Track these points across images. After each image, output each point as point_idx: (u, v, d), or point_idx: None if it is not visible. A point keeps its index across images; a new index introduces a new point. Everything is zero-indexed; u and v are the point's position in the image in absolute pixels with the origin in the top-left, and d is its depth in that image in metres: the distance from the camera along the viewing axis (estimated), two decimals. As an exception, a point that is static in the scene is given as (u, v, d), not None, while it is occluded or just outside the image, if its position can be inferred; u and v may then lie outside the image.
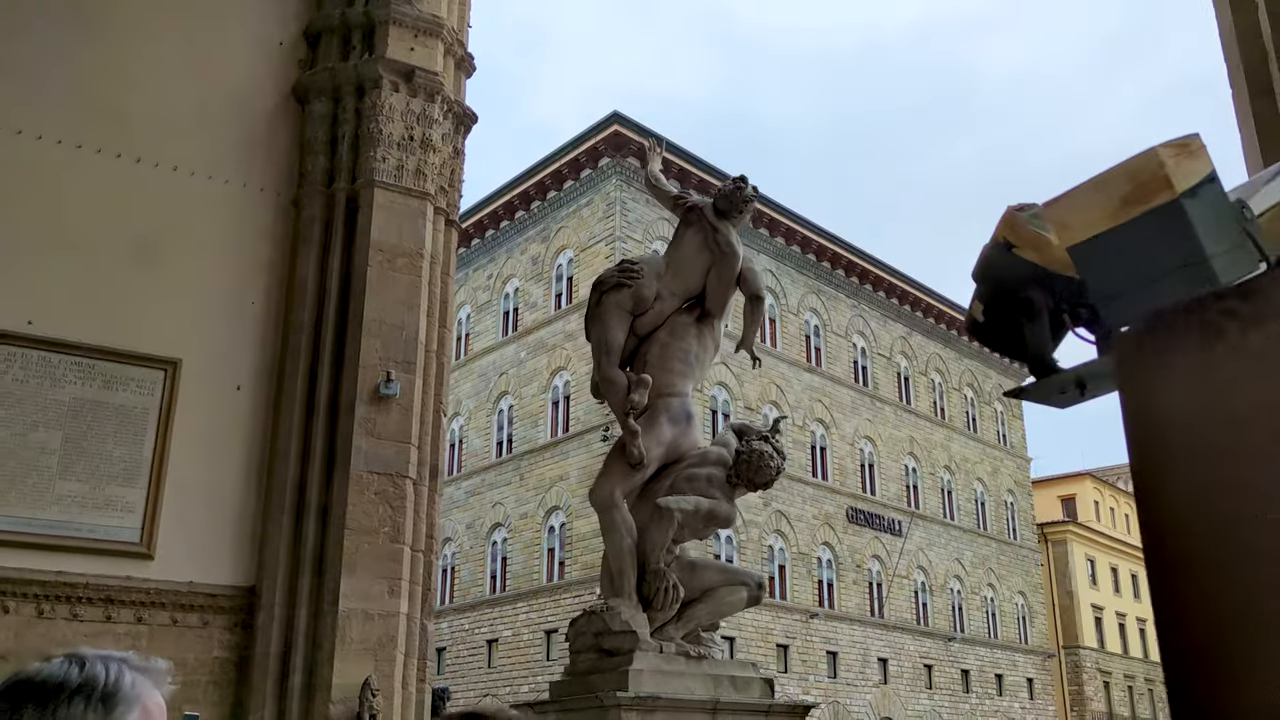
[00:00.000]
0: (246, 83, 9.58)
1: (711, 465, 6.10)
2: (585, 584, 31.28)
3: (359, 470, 8.41)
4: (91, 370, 8.26)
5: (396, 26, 9.59)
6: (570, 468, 33.30)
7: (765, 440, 6.10)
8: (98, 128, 8.77)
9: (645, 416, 6.05)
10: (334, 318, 8.88)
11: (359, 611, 8.12)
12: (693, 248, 6.60)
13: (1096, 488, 57.37)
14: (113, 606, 7.89)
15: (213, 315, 8.88)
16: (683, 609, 5.86)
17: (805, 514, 37.47)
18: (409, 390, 8.78)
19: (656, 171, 7.06)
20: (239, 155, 9.32)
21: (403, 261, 9.08)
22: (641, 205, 34.87)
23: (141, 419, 8.34)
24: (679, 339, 6.43)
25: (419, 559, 8.68)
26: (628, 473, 6.01)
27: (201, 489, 8.43)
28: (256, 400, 8.82)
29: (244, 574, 8.41)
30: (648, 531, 5.87)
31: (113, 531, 8.03)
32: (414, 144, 9.39)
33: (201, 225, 9.03)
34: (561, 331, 35.08)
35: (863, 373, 42.64)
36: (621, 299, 6.33)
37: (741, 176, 6.61)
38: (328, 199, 9.21)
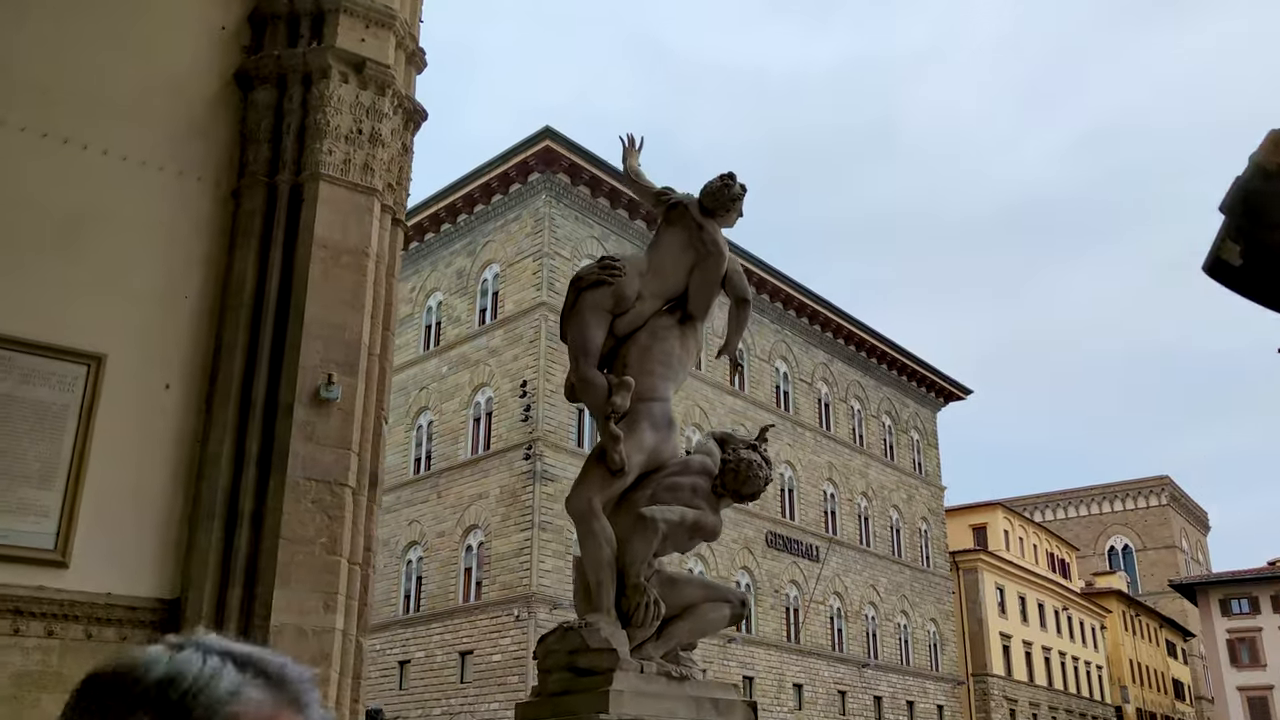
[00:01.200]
0: (185, 67, 9.07)
1: (695, 474, 5.83)
2: (503, 605, 30.73)
3: (296, 477, 7.93)
4: (8, 363, 7.67)
5: (348, 16, 9.18)
6: (490, 486, 32.74)
7: (752, 449, 5.84)
8: (23, 105, 8.19)
9: (625, 421, 5.75)
10: (273, 315, 8.39)
11: (292, 627, 7.63)
12: (676, 247, 6.33)
13: (1007, 517, 58.46)
14: (21, 619, 7.29)
15: (142, 309, 8.34)
16: (662, 626, 5.55)
17: (725, 537, 37.32)
18: (350, 394, 8.33)
19: (637, 167, 6.79)
20: (175, 142, 8.80)
21: (347, 259, 8.65)
22: (571, 222, 34.62)
23: (60, 416, 7.76)
24: (660, 341, 6.15)
25: (356, 572, 8.22)
26: (607, 480, 5.70)
27: (124, 493, 7.88)
28: (187, 400, 8.29)
29: (168, 585, 7.86)
30: (628, 543, 5.55)
31: (25, 537, 7.43)
32: (362, 138, 8.98)
33: (133, 213, 8.49)
34: (485, 347, 34.57)
35: (784, 397, 42.87)
36: (601, 298, 6.02)
37: (729, 173, 6.37)
38: (269, 191, 8.74)
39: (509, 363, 33.56)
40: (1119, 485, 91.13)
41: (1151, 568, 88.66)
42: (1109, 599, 67.61)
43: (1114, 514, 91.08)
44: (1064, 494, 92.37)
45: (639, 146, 6.77)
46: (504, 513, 31.90)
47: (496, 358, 34.04)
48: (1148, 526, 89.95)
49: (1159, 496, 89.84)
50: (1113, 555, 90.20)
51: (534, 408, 32.14)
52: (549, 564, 30.87)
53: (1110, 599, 67.71)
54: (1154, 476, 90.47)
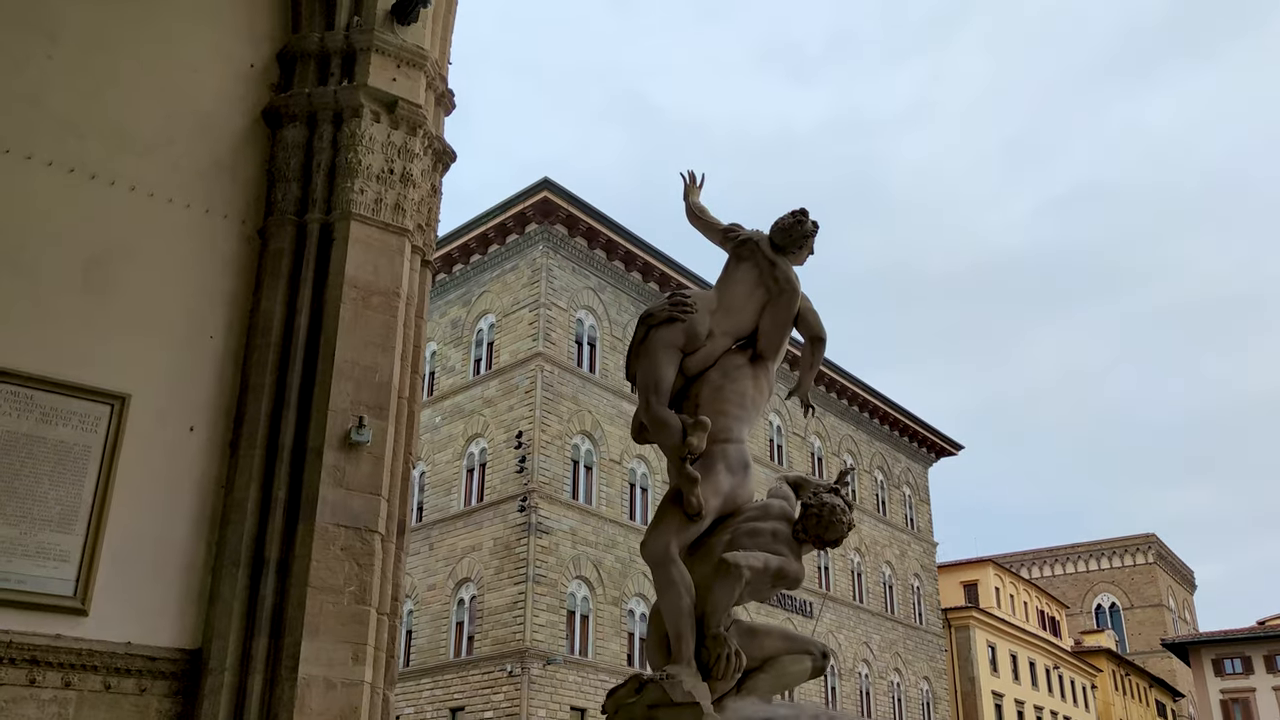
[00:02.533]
0: (213, 104, 8.93)
1: (775, 519, 5.60)
2: (495, 660, 30.18)
3: (325, 523, 7.67)
4: (29, 401, 7.42)
5: (379, 55, 9.08)
6: (484, 538, 32.30)
7: (834, 492, 5.63)
8: (50, 139, 8.03)
9: (700, 464, 5.54)
10: (301, 356, 8.17)
11: (320, 679, 7.32)
12: (746, 284, 6.15)
13: (998, 574, 58.12)
14: (37, 669, 6.96)
15: (166, 348, 8.11)
16: (741, 680, 5.30)
17: (719, 592, 36.89)
18: (380, 438, 8.10)
19: (701, 203, 6.63)
20: (202, 179, 8.64)
21: (378, 300, 8.46)
22: (567, 273, 34.56)
23: (82, 458, 7.50)
24: (733, 381, 5.95)
25: (384, 623, 7.94)
26: (684, 524, 5.46)
27: (145, 538, 7.59)
28: (211, 443, 8.04)
29: (189, 635, 7.55)
30: (709, 590, 5.31)
31: (43, 583, 7.13)
32: (394, 178, 8.84)
33: (158, 250, 8.30)
34: (480, 397, 34.29)
35: (778, 451, 42.68)
36: (672, 335, 5.83)
37: (801, 209, 6.23)
38: (298, 230, 8.57)
39: (504, 413, 33.28)
40: (1105, 543, 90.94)
41: (1139, 626, 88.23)
42: (1099, 658, 67.13)
43: (1101, 571, 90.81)
44: (1050, 551, 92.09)
45: (700, 183, 6.64)
46: (497, 565, 31.43)
47: (491, 408, 33.76)
48: (1135, 585, 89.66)
49: (1145, 554, 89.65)
50: (1100, 613, 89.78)
51: (529, 459, 31.82)
52: (543, 618, 30.37)
53: (1100, 658, 67.23)
54: (1140, 534, 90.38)
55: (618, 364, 35.58)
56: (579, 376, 34.13)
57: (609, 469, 34.24)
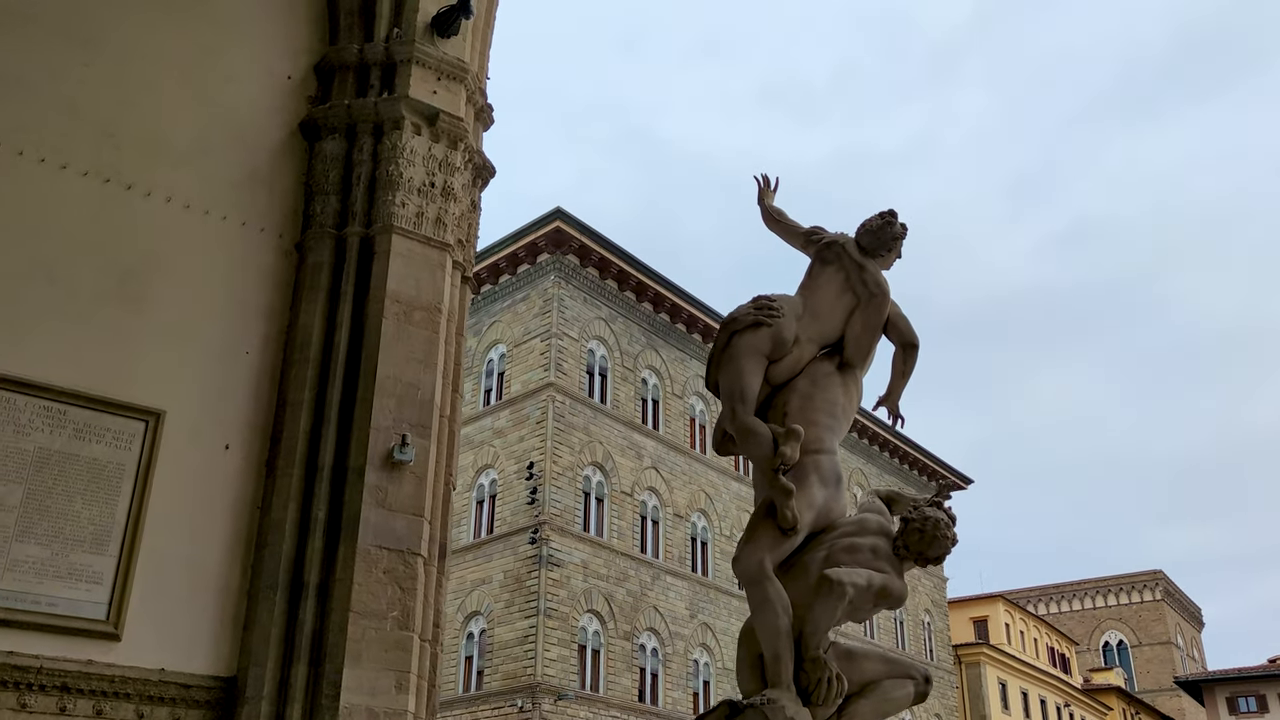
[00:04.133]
0: (250, 116, 8.72)
1: (873, 534, 5.30)
2: (506, 695, 29.67)
3: (367, 545, 7.36)
4: (62, 417, 7.14)
5: (420, 67, 8.88)
6: (494, 571, 31.88)
7: (936, 506, 5.34)
8: (86, 149, 7.81)
9: (790, 476, 5.25)
10: (341, 373, 7.90)
11: (363, 708, 6.98)
12: (833, 289, 5.88)
13: (1008, 610, 57.50)
14: (69, 696, 6.63)
15: (201, 364, 7.84)
16: (841, 706, 4.99)
17: (731, 628, 36.41)
18: (423, 457, 7.81)
19: (778, 206, 6.37)
20: (239, 191, 8.42)
21: (420, 315, 8.20)
22: (579, 303, 34.36)
23: (116, 476, 7.21)
24: (823, 389, 5.67)
25: (426, 650, 7.61)
26: (778, 539, 5.16)
27: (180, 561, 7.28)
28: (248, 462, 7.75)
29: (225, 662, 7.22)
30: (808, 609, 5.01)
31: (76, 606, 6.81)
32: (435, 191, 8.60)
33: (194, 264, 8.05)
34: (490, 428, 33.98)
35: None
36: (759, 341, 5.54)
37: (890, 210, 5.98)
38: (337, 243, 8.33)
39: (514, 444, 32.95)
40: (1112, 579, 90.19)
41: (1147, 664, 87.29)
42: (1109, 695, 66.32)
43: (1108, 608, 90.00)
44: (1057, 587, 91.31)
45: (774, 187, 6.39)
46: (508, 599, 30.97)
47: (502, 439, 33.43)
48: (1142, 622, 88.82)
49: (1153, 591, 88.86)
50: (1108, 651, 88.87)
51: (540, 490, 31.45)
52: (554, 652, 29.88)
53: (1110, 696, 66.42)
54: (1147, 571, 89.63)
55: (629, 395, 35.31)
56: (590, 407, 33.83)
57: (620, 501, 33.86)
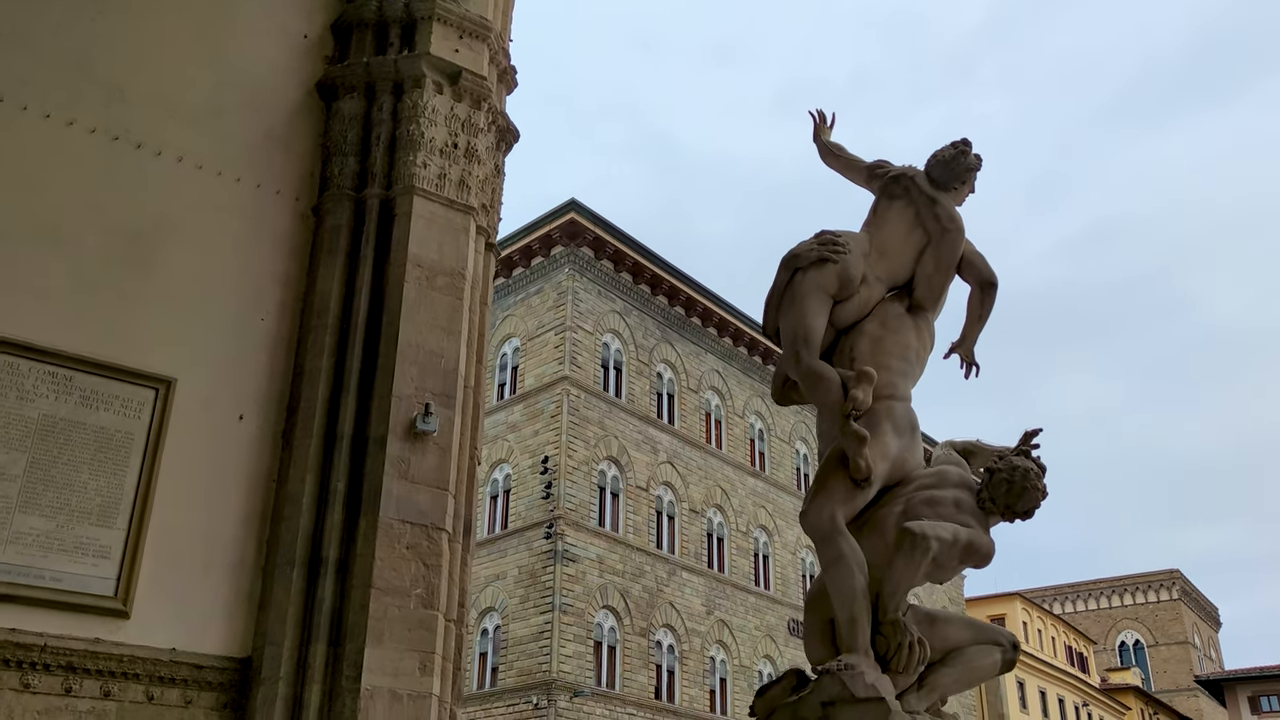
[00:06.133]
0: (264, 75, 8.34)
1: (955, 487, 4.87)
2: (521, 692, 29.30)
3: (389, 519, 6.97)
4: (68, 383, 6.76)
5: (441, 24, 8.49)
6: (508, 566, 31.49)
7: (1024, 455, 4.91)
8: (94, 105, 7.43)
9: (863, 424, 4.82)
10: (361, 339, 7.52)
11: (386, 691, 6.59)
12: (903, 225, 5.44)
13: (1025, 609, 56.90)
14: (74, 676, 6.25)
15: (214, 330, 7.46)
16: (923, 674, 4.57)
17: (748, 625, 36.01)
18: (447, 429, 7.42)
19: (835, 140, 5.94)
20: (253, 152, 8.03)
21: (443, 281, 7.81)
22: (593, 296, 33.95)
23: (124, 446, 6.82)
24: (894, 331, 5.24)
25: (451, 630, 7.22)
26: (850, 492, 4.74)
27: (191, 535, 6.90)
28: (263, 432, 7.36)
29: (239, 641, 6.83)
30: (887, 567, 4.59)
31: (82, 581, 6.43)
32: (458, 152, 8.21)
33: (207, 226, 7.67)
34: (504, 422, 33.58)
35: (806, 480, 41.77)
36: (824, 278, 5.10)
37: (963, 140, 5.54)
38: (356, 206, 7.94)
39: (528, 438, 32.55)
40: (1129, 578, 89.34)
41: (1164, 664, 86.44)
42: (1127, 695, 65.63)
43: (1124, 608, 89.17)
44: (1073, 586, 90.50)
45: (831, 122, 5.97)
46: (522, 594, 30.58)
47: (516, 433, 33.03)
48: (1159, 622, 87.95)
49: (1170, 590, 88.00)
50: (1124, 650, 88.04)
51: (555, 485, 31.05)
52: (570, 649, 29.47)
53: (1128, 695, 65.74)
54: (1164, 570, 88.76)
55: (644, 389, 34.90)
56: (605, 401, 33.41)
57: (636, 496, 33.44)
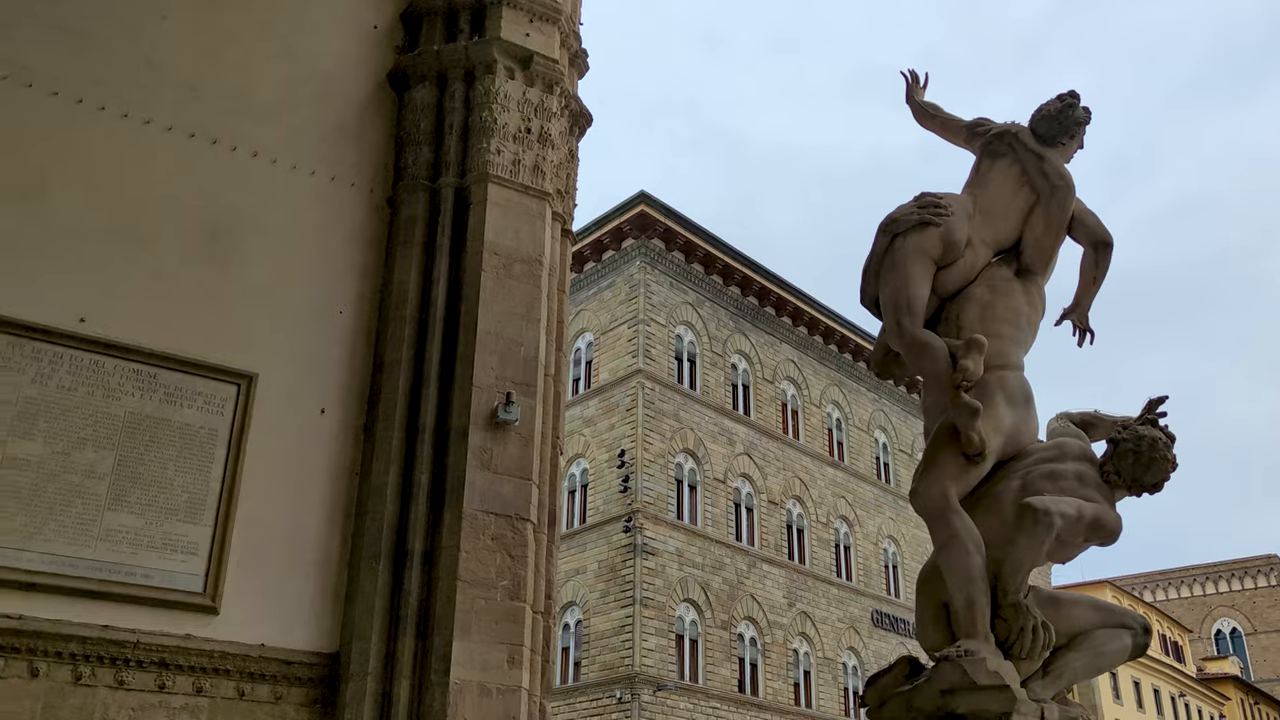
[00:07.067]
0: (336, 67, 8.31)
1: (1076, 460, 4.60)
2: (604, 686, 29.23)
3: (473, 509, 6.86)
4: (152, 380, 6.77)
5: (511, 9, 8.37)
6: (588, 561, 31.43)
7: (1150, 424, 4.62)
8: (169, 103, 7.45)
9: (974, 395, 4.56)
10: (440, 330, 7.42)
11: (475, 684, 6.48)
12: (1007, 185, 5.16)
13: (1116, 596, 55.40)
14: (167, 672, 6.25)
15: (294, 325, 7.43)
16: (1048, 660, 4.31)
17: (830, 616, 35.54)
18: (528, 417, 7.29)
19: (929, 100, 5.68)
20: (326, 145, 8.00)
21: (520, 268, 7.68)
22: (665, 288, 33.75)
23: (209, 442, 6.81)
24: (1003, 296, 4.97)
25: (538, 622, 7.09)
26: (962, 467, 4.49)
27: (277, 530, 6.87)
28: (344, 425, 7.31)
29: (327, 636, 6.78)
30: (1007, 546, 4.33)
31: (171, 578, 6.43)
32: (531, 137, 8.08)
33: (284, 220, 7.66)
34: (580, 417, 33.52)
35: (885, 469, 41.17)
36: (926, 242, 4.84)
37: (1071, 92, 5.25)
38: (431, 196, 7.86)
39: (604, 432, 32.46)
40: (1225, 564, 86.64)
41: (1264, 653, 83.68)
42: (1225, 685, 63.62)
43: (1220, 595, 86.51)
44: (1164, 573, 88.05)
45: (924, 83, 5.71)
46: (603, 589, 30.51)
47: (592, 428, 32.97)
48: (1257, 609, 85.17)
49: (1268, 576, 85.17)
50: (1220, 639, 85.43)
51: (632, 478, 30.93)
52: (652, 642, 29.34)
53: (1227, 685, 63.71)
54: (1262, 555, 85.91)
55: (719, 380, 34.61)
56: (680, 393, 33.19)
57: (714, 488, 33.18)
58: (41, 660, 5.95)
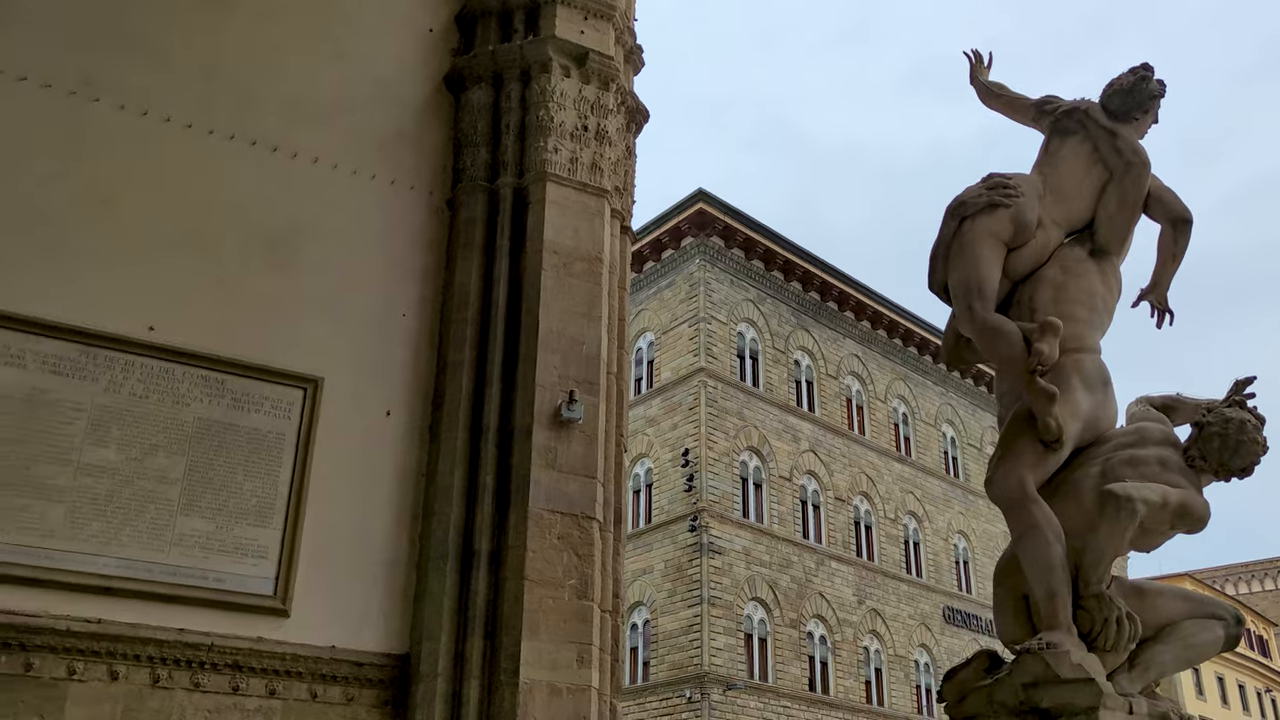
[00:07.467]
0: (393, 72, 8.35)
1: (1158, 445, 4.45)
2: (673, 686, 29.19)
3: (539, 509, 6.85)
4: (220, 386, 6.85)
5: (565, 6, 8.34)
6: (654, 560, 31.42)
7: (1238, 406, 4.45)
8: (228, 111, 7.53)
9: (1049, 380, 4.43)
10: (502, 330, 7.42)
11: (544, 684, 6.46)
12: (1079, 163, 5.01)
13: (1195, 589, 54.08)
14: (241, 674, 6.31)
15: (357, 328, 7.47)
16: (1134, 652, 4.17)
17: (901, 613, 35.14)
18: (592, 416, 7.26)
19: (994, 80, 5.54)
20: (385, 149, 8.04)
21: (580, 266, 7.66)
22: (726, 286, 33.62)
23: (277, 446, 6.87)
24: (1078, 278, 4.82)
25: (607, 621, 7.06)
26: (1039, 454, 4.36)
27: (345, 532, 6.91)
28: (410, 427, 7.34)
29: (396, 638, 6.80)
30: (1088, 535, 4.20)
31: (243, 581, 6.49)
32: (588, 135, 8.05)
33: (344, 225, 7.70)
34: (643, 417, 33.51)
35: (953, 463, 40.61)
36: (995, 224, 4.71)
37: (1144, 65, 5.09)
38: (490, 197, 7.86)
39: (668, 431, 32.41)
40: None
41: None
42: (1313, 680, 61.72)
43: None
44: (1246, 566, 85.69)
45: (988, 62, 5.57)
46: (670, 588, 30.46)
47: (655, 427, 32.94)
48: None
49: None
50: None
51: (697, 477, 30.84)
52: (720, 641, 29.23)
53: (1314, 680, 61.81)
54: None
55: (782, 377, 34.39)
56: (743, 391, 33.04)
57: (779, 486, 32.97)
58: (121, 663, 6.03)
